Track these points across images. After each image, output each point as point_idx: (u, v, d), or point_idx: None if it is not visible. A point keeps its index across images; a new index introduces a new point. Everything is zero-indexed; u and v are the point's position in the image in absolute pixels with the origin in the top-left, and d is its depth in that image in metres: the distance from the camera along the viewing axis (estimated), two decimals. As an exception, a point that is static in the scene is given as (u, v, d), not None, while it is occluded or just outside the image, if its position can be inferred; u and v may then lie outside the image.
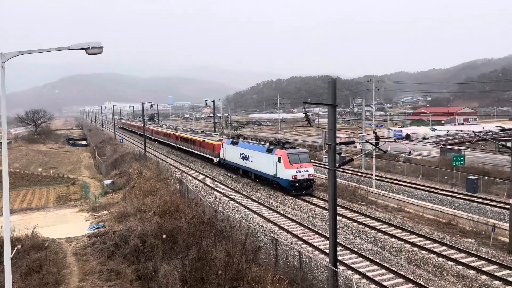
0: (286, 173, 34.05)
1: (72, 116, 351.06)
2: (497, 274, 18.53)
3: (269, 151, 36.95)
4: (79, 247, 23.18)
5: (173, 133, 72.51)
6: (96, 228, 26.17)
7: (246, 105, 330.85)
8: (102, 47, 9.56)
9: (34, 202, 42.48)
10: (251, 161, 40.50)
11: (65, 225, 28.45)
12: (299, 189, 34.24)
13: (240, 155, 42.75)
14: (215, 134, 58.18)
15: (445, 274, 19.06)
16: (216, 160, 51.00)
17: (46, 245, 22.42)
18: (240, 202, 33.43)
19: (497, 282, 17.91)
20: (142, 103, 65.03)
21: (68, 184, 52.55)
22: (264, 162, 37.40)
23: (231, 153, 45.61)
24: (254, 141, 43.47)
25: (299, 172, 34.07)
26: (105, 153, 76.72)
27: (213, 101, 75.55)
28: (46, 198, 44.82)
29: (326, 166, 33.02)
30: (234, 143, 45.04)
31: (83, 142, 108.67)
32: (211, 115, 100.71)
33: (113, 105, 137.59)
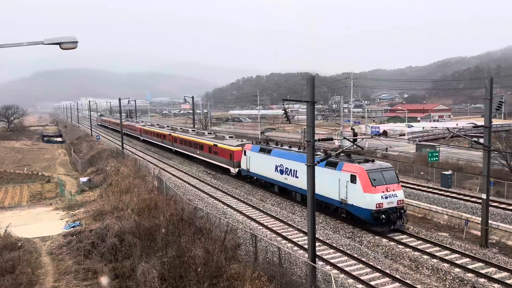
0: (367, 199, 23.49)
1: (46, 112, 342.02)
2: (470, 266, 19.09)
3: (332, 165, 25.96)
4: (54, 247, 22.66)
5: (169, 134, 61.35)
6: (72, 227, 25.63)
7: (226, 102, 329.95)
8: (76, 42, 9.31)
9: (7, 201, 41.27)
10: (296, 177, 29.61)
11: (40, 224, 27.75)
12: (387, 222, 23.58)
13: (276, 167, 32.24)
14: (230, 137, 46.71)
15: (420, 268, 19.51)
16: (234, 171, 40.54)
17: (19, 244, 21.85)
18: (219, 199, 33.34)
19: (469, 275, 18.44)
20: (119, 99, 63.93)
21: (42, 182, 51.27)
22: (324, 181, 26.20)
23: (260, 164, 35.01)
24: (296, 149, 32.84)
25: (386, 197, 23.65)
26: (81, 150, 75.20)
27: (192, 97, 74.91)
28: (20, 196, 43.60)
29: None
30: (265, 151, 34.57)
31: (59, 139, 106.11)
32: (190, 111, 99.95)
33: (89, 101, 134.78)
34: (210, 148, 46.12)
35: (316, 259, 17.92)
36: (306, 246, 20.07)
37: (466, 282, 17.88)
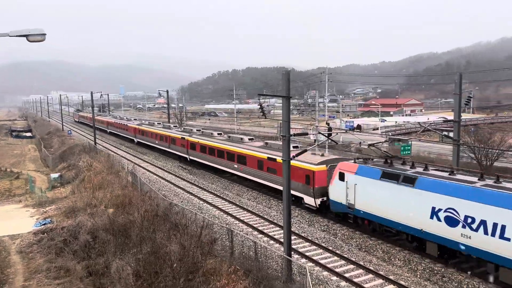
0: None
1: (15, 106, 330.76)
2: (440, 257, 19.64)
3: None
4: (24, 245, 22.04)
5: (183, 138, 46.93)
6: (43, 224, 24.98)
7: (201, 96, 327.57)
8: (44, 34, 8.98)
9: (-27, 198, 39.72)
10: (504, 238, 15.99)
11: (9, 221, 26.86)
12: None
13: (436, 213, 18.46)
14: (294, 147, 29.25)
15: (392, 259, 20.00)
16: (314, 202, 26.38)
17: (-13, 243, 21.14)
18: (195, 194, 33.15)
19: (439, 265, 19.03)
20: (92, 93, 62.42)
21: (11, 178, 49.50)
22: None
23: (384, 199, 21.19)
24: (476, 179, 18.39)
25: None
26: (52, 145, 73.10)
27: (167, 91, 74.00)
28: (-13, 193, 42.02)
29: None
30: (398, 178, 20.41)
31: (28, 134, 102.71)
32: (165, 105, 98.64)
33: (60, 95, 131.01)
34: (261, 162, 31.58)
35: (292, 253, 18.10)
36: (282, 240, 20.26)
37: (436, 272, 18.45)
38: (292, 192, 23.94)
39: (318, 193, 25.90)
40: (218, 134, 43.93)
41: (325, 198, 25.71)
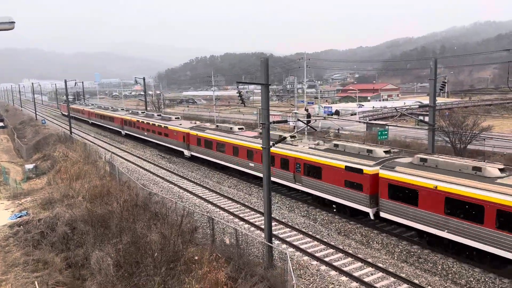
0: None
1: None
2: (416, 239, 20.24)
3: None
4: (-1, 238, 21.55)
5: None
6: (19, 217, 24.42)
7: (179, 82, 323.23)
8: (13, 22, 8.61)
9: None
10: None
11: (-18, 215, 26.15)
12: None
13: None
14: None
15: (371, 242, 20.46)
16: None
17: (-40, 238, 20.57)
18: (175, 183, 32.94)
19: (415, 247, 19.59)
20: (65, 81, 60.75)
21: (-17, 170, 48.11)
22: None
23: None
24: None
25: None
26: (26, 135, 71.14)
27: (143, 79, 72.62)
28: (-42, 186, 40.72)
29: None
30: None
31: (0, 124, 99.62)
32: (142, 93, 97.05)
33: (32, 83, 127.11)
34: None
35: (273, 239, 18.29)
36: (262, 227, 20.42)
37: (412, 253, 18.99)
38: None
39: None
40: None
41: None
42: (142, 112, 61.30)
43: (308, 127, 22.89)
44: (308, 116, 30.75)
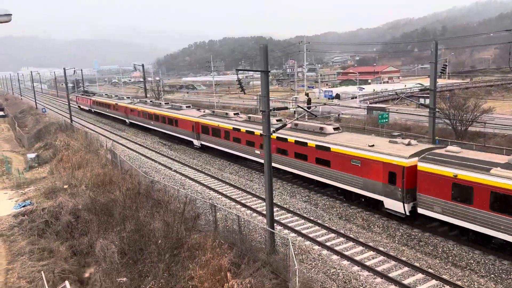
0: None
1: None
2: (416, 223, 20.41)
3: None
4: (4, 228, 21.79)
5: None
6: (23, 206, 24.64)
7: (178, 68, 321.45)
8: (10, 14, 8.56)
9: None
10: None
11: (-14, 205, 26.38)
12: None
13: None
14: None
15: (372, 226, 20.66)
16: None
17: (-34, 228, 20.80)
18: (177, 170, 33.08)
19: (416, 230, 19.79)
20: (64, 69, 60.48)
21: (-14, 160, 48.29)
22: None
23: None
24: None
25: None
26: (27, 124, 71.18)
27: (142, 65, 72.23)
28: (-39, 176, 40.93)
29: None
30: None
31: (0, 113, 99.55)
32: (141, 79, 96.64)
33: (31, 72, 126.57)
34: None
35: (275, 224, 18.47)
36: (264, 212, 20.61)
37: (413, 237, 19.20)
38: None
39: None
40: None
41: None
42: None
43: (308, 113, 22.89)
44: (309, 101, 30.59)
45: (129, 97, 68.93)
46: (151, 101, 56.19)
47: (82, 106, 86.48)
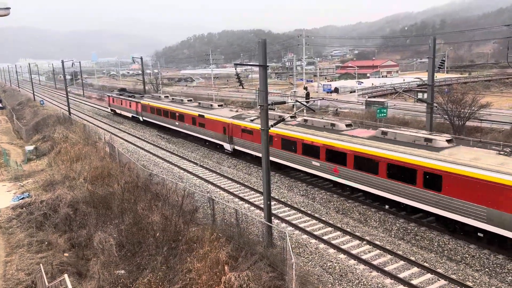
0: None
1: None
2: (412, 217, 20.57)
3: None
4: (3, 220, 21.85)
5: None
6: (21, 199, 24.69)
7: (177, 61, 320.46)
8: (8, 8, 8.55)
9: None
10: None
11: (-15, 197, 26.43)
12: None
13: None
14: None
15: (368, 220, 20.82)
16: None
17: (-36, 220, 20.86)
18: (175, 163, 33.15)
19: (412, 224, 19.95)
20: (63, 62, 60.21)
21: (-16, 152, 48.24)
22: None
23: None
24: None
25: None
26: (25, 116, 70.98)
27: (141, 58, 71.96)
28: (-41, 168, 40.92)
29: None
30: None
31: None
32: (140, 72, 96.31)
33: (29, 63, 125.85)
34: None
35: (272, 218, 18.60)
36: (262, 206, 20.74)
37: (409, 231, 19.36)
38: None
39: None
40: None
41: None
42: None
43: (307, 107, 22.95)
44: (307, 95, 30.60)
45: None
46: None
47: (120, 111, 62.03)
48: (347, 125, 25.59)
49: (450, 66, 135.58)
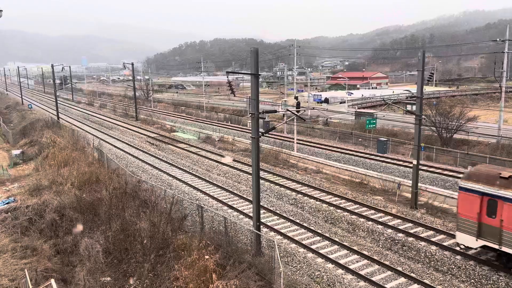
0: None
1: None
2: (401, 227, 20.73)
3: None
4: (-13, 225, 21.43)
5: None
6: (6, 203, 24.27)
7: (168, 68, 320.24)
8: (0, 10, 8.51)
9: None
10: None
11: (-31, 201, 25.91)
12: None
13: None
14: None
15: (357, 230, 20.90)
16: None
17: None
18: (164, 170, 32.95)
19: (400, 235, 20.08)
20: (52, 66, 59.75)
21: (-31, 156, 47.40)
22: None
23: None
24: None
25: None
26: (12, 120, 70.11)
27: (132, 64, 71.74)
28: None
29: (250, 132, 32.74)
30: None
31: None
32: (131, 78, 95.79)
33: (18, 67, 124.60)
34: None
35: (261, 226, 18.56)
36: (251, 214, 20.69)
37: (397, 241, 19.48)
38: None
39: None
40: None
41: None
42: None
43: (297, 117, 23.10)
44: (298, 104, 30.86)
45: None
46: None
47: None
48: None
49: (439, 79, 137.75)
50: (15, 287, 15.32)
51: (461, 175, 29.67)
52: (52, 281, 12.29)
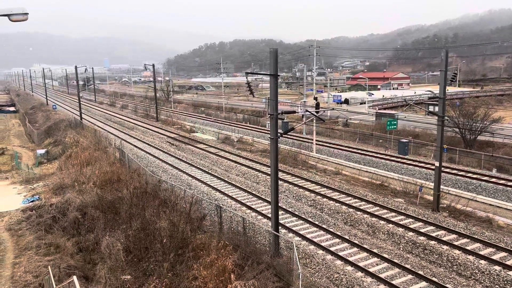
0: None
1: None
2: (422, 230, 20.33)
3: None
4: (12, 222, 22.08)
5: None
6: (31, 201, 24.97)
7: (188, 69, 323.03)
8: (27, 13, 8.75)
9: (-42, 175, 39.19)
10: None
11: (-4, 199, 26.76)
12: None
13: None
14: None
15: (377, 233, 20.61)
16: None
17: (-25, 221, 21.11)
18: (184, 170, 33.24)
19: (422, 238, 19.70)
20: (76, 67, 61.09)
21: (-4, 155, 48.90)
22: None
23: None
24: None
25: None
26: (37, 121, 72.03)
27: (153, 65, 72.68)
28: (-28, 170, 41.49)
29: (269, 133, 32.69)
30: None
31: (11, 109, 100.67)
32: (151, 79, 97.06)
33: (43, 68, 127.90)
34: None
35: (279, 227, 18.51)
36: (269, 215, 20.65)
37: (418, 245, 19.11)
38: None
39: None
40: None
41: None
42: None
43: (317, 118, 22.93)
44: (317, 105, 30.64)
45: None
46: None
47: None
48: None
49: (462, 79, 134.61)
50: (39, 284, 15.69)
51: (485, 178, 28.96)
52: (74, 278, 12.51)
